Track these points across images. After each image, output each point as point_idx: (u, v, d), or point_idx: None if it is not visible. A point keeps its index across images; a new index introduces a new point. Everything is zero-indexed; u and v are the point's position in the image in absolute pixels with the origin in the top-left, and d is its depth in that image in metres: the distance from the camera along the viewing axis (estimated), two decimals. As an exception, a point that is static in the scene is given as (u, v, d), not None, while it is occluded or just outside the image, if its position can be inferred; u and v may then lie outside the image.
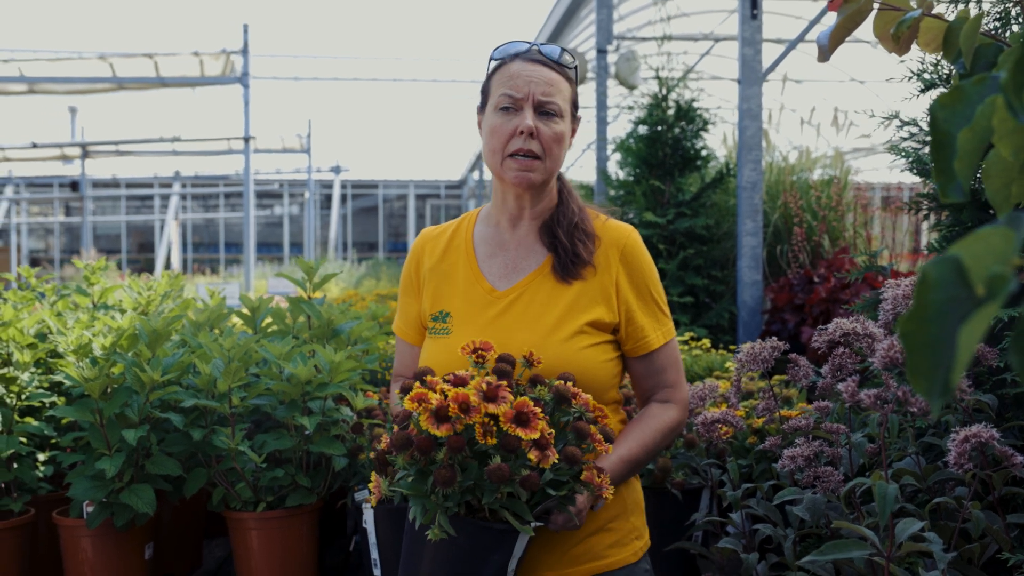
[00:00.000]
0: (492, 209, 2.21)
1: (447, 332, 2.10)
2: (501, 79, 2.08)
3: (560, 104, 2.06)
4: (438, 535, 1.68)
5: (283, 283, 9.16)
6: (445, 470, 1.65)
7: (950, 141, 0.90)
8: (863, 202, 7.06)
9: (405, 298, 2.26)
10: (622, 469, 1.98)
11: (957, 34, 1.39)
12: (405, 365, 2.29)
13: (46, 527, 3.50)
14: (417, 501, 1.72)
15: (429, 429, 1.66)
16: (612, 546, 2.04)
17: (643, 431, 2.04)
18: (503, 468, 1.64)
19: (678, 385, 2.14)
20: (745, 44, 5.68)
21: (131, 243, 32.20)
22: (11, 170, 25.81)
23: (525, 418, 1.68)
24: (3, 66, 13.82)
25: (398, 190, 32.94)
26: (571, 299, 2.06)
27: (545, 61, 2.08)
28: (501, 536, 1.73)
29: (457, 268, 2.17)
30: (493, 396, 1.71)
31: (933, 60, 2.91)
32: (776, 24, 12.90)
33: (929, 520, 1.98)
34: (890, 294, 2.25)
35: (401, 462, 1.72)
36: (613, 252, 2.10)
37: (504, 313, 2.07)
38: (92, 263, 4.15)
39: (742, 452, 3.07)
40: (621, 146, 6.81)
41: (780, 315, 5.55)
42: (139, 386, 3.13)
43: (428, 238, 2.27)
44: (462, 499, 1.70)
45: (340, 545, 3.98)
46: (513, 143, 2.04)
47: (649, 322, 2.10)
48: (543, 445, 1.68)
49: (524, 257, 2.14)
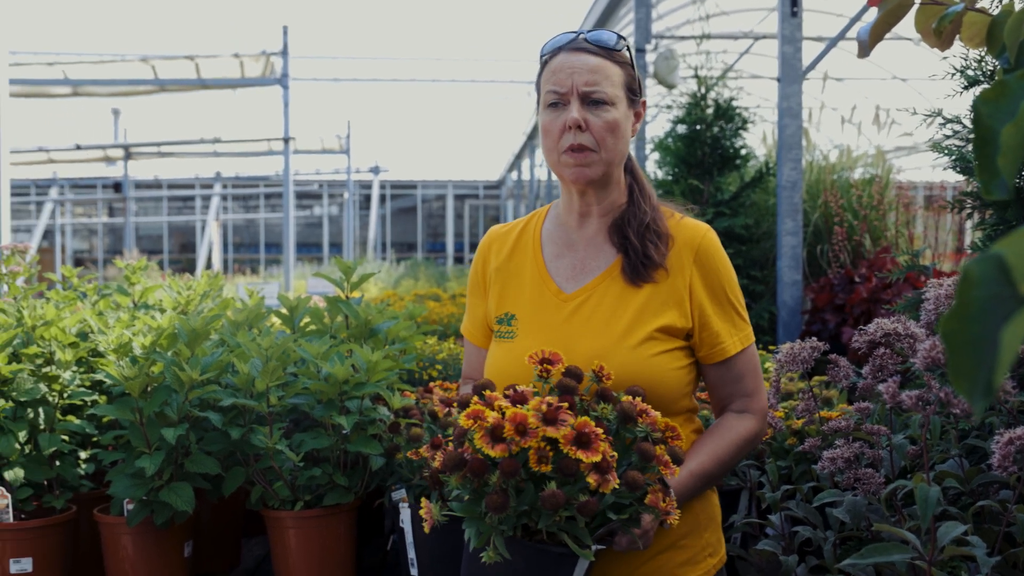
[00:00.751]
0: (561, 206, 2.14)
1: (512, 336, 2.03)
2: (547, 75, 2.01)
3: (608, 91, 1.96)
4: (493, 558, 1.62)
5: (322, 283, 9.20)
6: (497, 495, 1.59)
7: (993, 137, 0.88)
8: (905, 201, 6.99)
9: (472, 299, 2.19)
10: (693, 484, 1.89)
11: (1001, 28, 1.36)
12: (473, 367, 2.22)
13: (88, 525, 3.54)
14: (472, 523, 1.65)
15: (484, 448, 1.59)
16: (683, 564, 1.95)
17: (717, 444, 1.95)
18: (558, 495, 1.57)
19: (756, 394, 2.03)
20: (785, 42, 5.64)
21: (172, 244, 32.54)
22: (56, 172, 26.14)
23: (587, 440, 1.60)
24: (48, 69, 14.00)
25: (436, 190, 33.05)
26: (641, 303, 1.97)
27: (589, 48, 1.98)
28: (559, 560, 1.66)
29: (524, 268, 2.10)
30: (553, 419, 1.63)
31: (976, 56, 2.87)
32: (816, 22, 12.81)
33: (972, 524, 1.95)
34: (932, 294, 2.22)
35: (454, 482, 1.66)
36: (687, 253, 2.00)
37: (571, 317, 2.00)
38: (133, 263, 4.19)
39: (781, 453, 3.04)
40: (659, 145, 6.78)
41: (820, 315, 5.50)
42: (178, 385, 3.15)
43: (495, 236, 2.20)
44: (518, 522, 1.64)
45: (377, 544, 3.99)
46: (564, 139, 1.96)
47: (725, 327, 2.00)
48: (604, 468, 1.60)
49: (593, 257, 2.06)
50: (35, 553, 3.21)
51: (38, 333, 3.39)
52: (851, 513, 2.12)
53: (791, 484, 2.78)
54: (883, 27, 1.42)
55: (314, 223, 33.25)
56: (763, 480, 2.88)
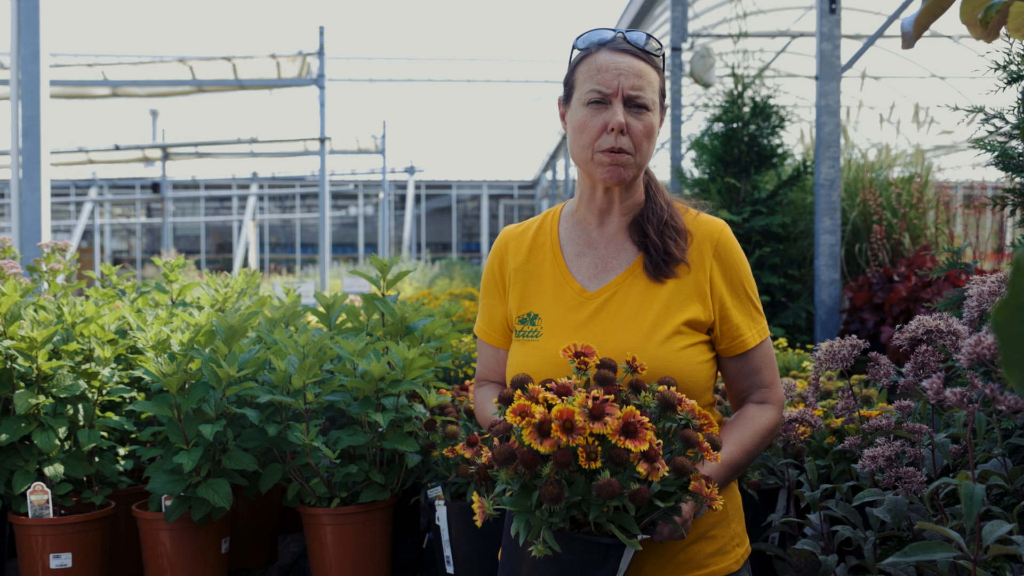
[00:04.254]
0: (578, 205, 2.13)
1: (536, 335, 2.04)
2: (588, 71, 1.99)
3: (650, 96, 1.98)
4: (543, 551, 1.62)
5: (358, 282, 9.24)
6: (552, 486, 1.59)
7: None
8: (945, 199, 6.91)
9: (488, 299, 2.20)
10: (723, 474, 1.91)
11: (1049, 18, 1.34)
12: (489, 368, 2.23)
13: (126, 520, 3.56)
14: (521, 517, 1.66)
15: (532, 444, 1.60)
16: (714, 554, 1.98)
17: (742, 434, 1.98)
18: (613, 483, 1.57)
19: (774, 385, 2.07)
20: (823, 39, 5.59)
21: (210, 244, 32.78)
22: (95, 172, 26.43)
23: (633, 429, 1.62)
24: (87, 70, 14.14)
25: (471, 190, 33.08)
26: (665, 298, 1.99)
27: (633, 51, 1.98)
28: (607, 551, 1.67)
29: (544, 268, 2.11)
30: (599, 413, 1.63)
31: (1020, 51, 2.83)
32: (854, 20, 12.72)
33: (1017, 523, 1.92)
34: (976, 290, 2.19)
35: (504, 477, 1.66)
36: (707, 248, 2.03)
37: (596, 315, 2.01)
38: (171, 261, 4.22)
39: (820, 452, 3.01)
40: (696, 144, 6.75)
41: (859, 314, 5.45)
42: (216, 382, 3.17)
43: (511, 237, 2.20)
44: (567, 514, 1.65)
45: (413, 542, 4.00)
46: (604, 140, 1.96)
47: (744, 320, 2.03)
48: (652, 457, 1.61)
49: (614, 256, 2.07)
50: (74, 548, 3.23)
51: (78, 330, 3.42)
52: (892, 512, 2.09)
53: (830, 483, 2.75)
54: (928, 17, 1.40)
55: (349, 223, 33.39)
56: (801, 479, 2.85)
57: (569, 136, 2.05)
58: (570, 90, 2.05)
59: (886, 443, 2.13)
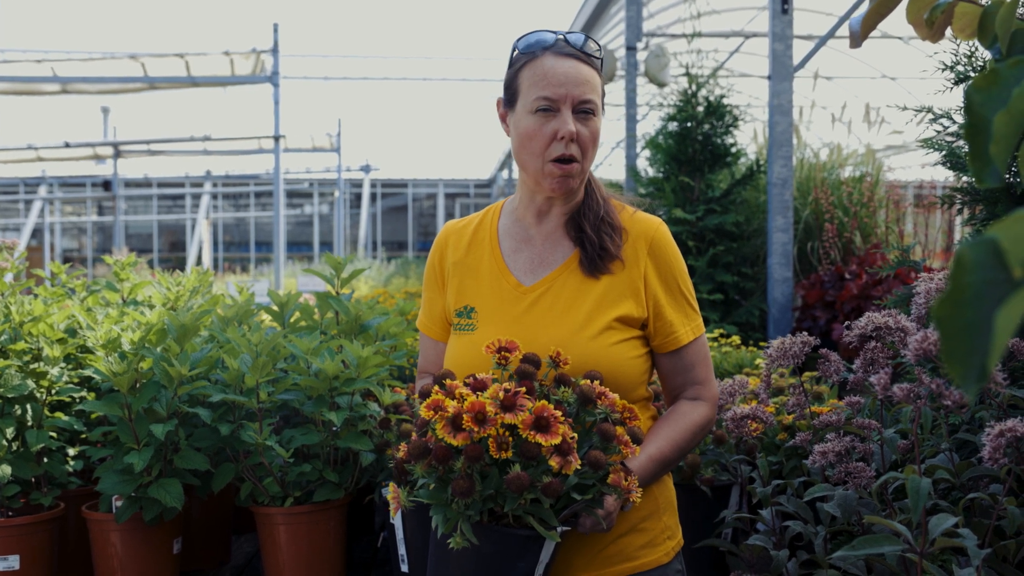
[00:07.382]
0: (517, 203, 2.14)
1: (472, 328, 2.05)
2: (533, 77, 1.98)
3: (596, 101, 1.99)
4: (460, 543, 1.64)
5: (313, 281, 9.20)
6: (463, 480, 1.61)
7: (986, 125, 0.88)
8: (895, 199, 7.00)
9: (428, 293, 2.21)
10: (652, 469, 1.93)
11: (992, 19, 1.36)
12: (430, 361, 2.24)
13: (76, 521, 3.52)
14: (439, 509, 1.68)
15: (445, 438, 1.62)
16: (644, 547, 2.00)
17: (673, 429, 1.99)
18: (522, 477, 1.60)
19: (707, 382, 2.09)
20: (775, 39, 5.64)
21: (163, 242, 32.45)
22: (45, 170, 26.06)
23: (545, 423, 1.64)
24: (36, 66, 13.96)
25: (427, 189, 33.03)
26: (599, 294, 2.00)
27: (576, 54, 1.98)
28: (526, 542, 1.69)
29: (482, 262, 2.12)
30: (511, 405, 1.66)
31: (967, 52, 2.87)
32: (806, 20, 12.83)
33: (963, 517, 1.95)
34: (923, 288, 2.22)
35: (420, 471, 1.68)
36: (641, 245, 2.04)
37: (531, 309, 2.02)
38: (122, 259, 4.17)
39: (772, 449, 3.04)
40: (651, 143, 6.79)
41: (811, 312, 5.51)
42: (167, 381, 3.14)
43: (452, 231, 2.21)
44: (484, 506, 1.66)
45: (368, 541, 3.98)
46: (554, 148, 1.95)
47: (678, 317, 2.04)
48: (565, 451, 1.63)
49: (550, 251, 2.08)
50: (22, 550, 3.19)
51: (26, 329, 3.37)
52: (842, 507, 2.12)
53: (782, 479, 2.78)
54: (875, 17, 1.42)
55: (304, 222, 33.19)
56: (754, 475, 2.88)
57: (515, 142, 2.04)
58: (513, 95, 2.04)
59: (836, 439, 2.16)
